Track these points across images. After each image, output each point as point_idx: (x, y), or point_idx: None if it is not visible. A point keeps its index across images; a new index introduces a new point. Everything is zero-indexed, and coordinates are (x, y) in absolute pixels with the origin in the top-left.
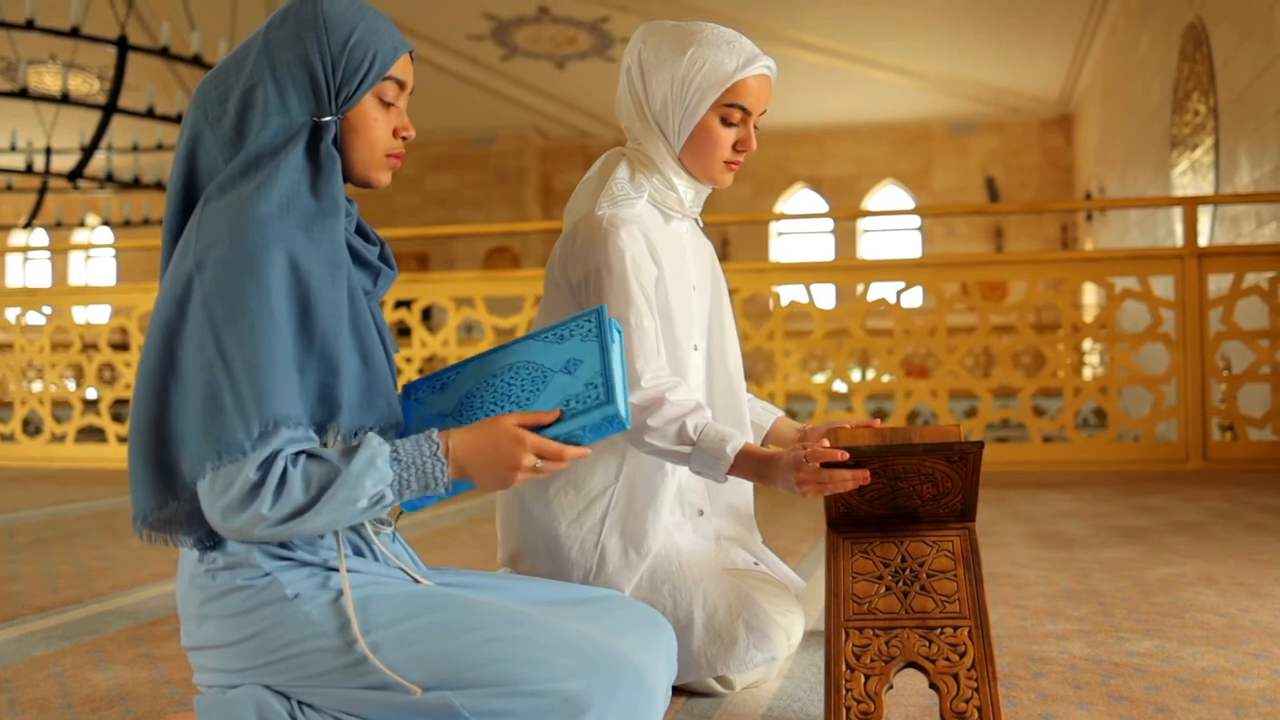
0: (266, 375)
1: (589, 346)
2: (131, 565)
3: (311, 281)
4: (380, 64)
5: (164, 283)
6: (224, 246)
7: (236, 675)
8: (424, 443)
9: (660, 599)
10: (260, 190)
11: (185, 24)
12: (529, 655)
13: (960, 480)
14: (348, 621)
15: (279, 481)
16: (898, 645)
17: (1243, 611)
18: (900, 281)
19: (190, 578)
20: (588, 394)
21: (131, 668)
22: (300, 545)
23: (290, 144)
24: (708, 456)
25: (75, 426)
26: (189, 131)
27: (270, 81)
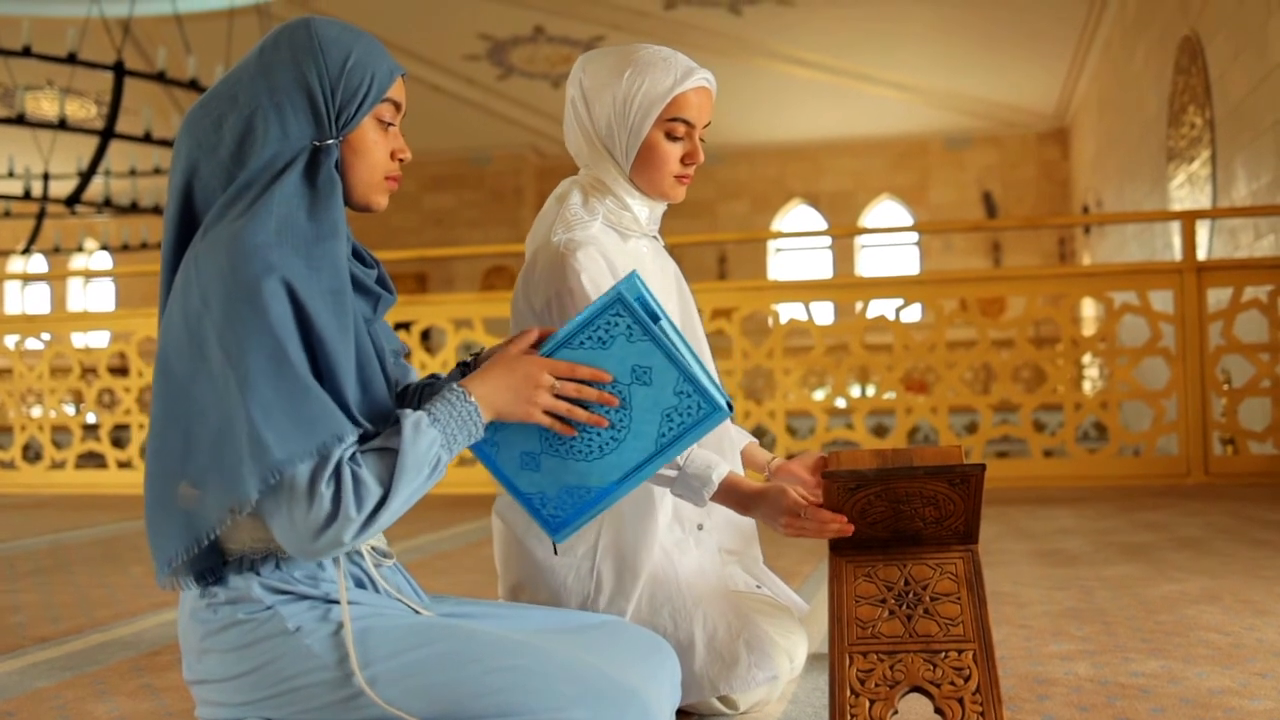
0: (303, 402)
1: (644, 348)
2: (132, 593)
3: (311, 312)
4: (379, 86)
5: (169, 319)
6: (226, 280)
7: (239, 709)
8: (450, 395)
9: (660, 621)
10: (256, 218)
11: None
12: (532, 685)
13: (963, 502)
14: (347, 654)
15: (354, 485)
16: (902, 670)
17: (1247, 630)
18: (899, 299)
19: (192, 612)
20: (685, 405)
21: (134, 699)
22: (301, 579)
23: (288, 169)
24: (693, 482)
25: (75, 453)
26: (184, 162)
27: (269, 107)
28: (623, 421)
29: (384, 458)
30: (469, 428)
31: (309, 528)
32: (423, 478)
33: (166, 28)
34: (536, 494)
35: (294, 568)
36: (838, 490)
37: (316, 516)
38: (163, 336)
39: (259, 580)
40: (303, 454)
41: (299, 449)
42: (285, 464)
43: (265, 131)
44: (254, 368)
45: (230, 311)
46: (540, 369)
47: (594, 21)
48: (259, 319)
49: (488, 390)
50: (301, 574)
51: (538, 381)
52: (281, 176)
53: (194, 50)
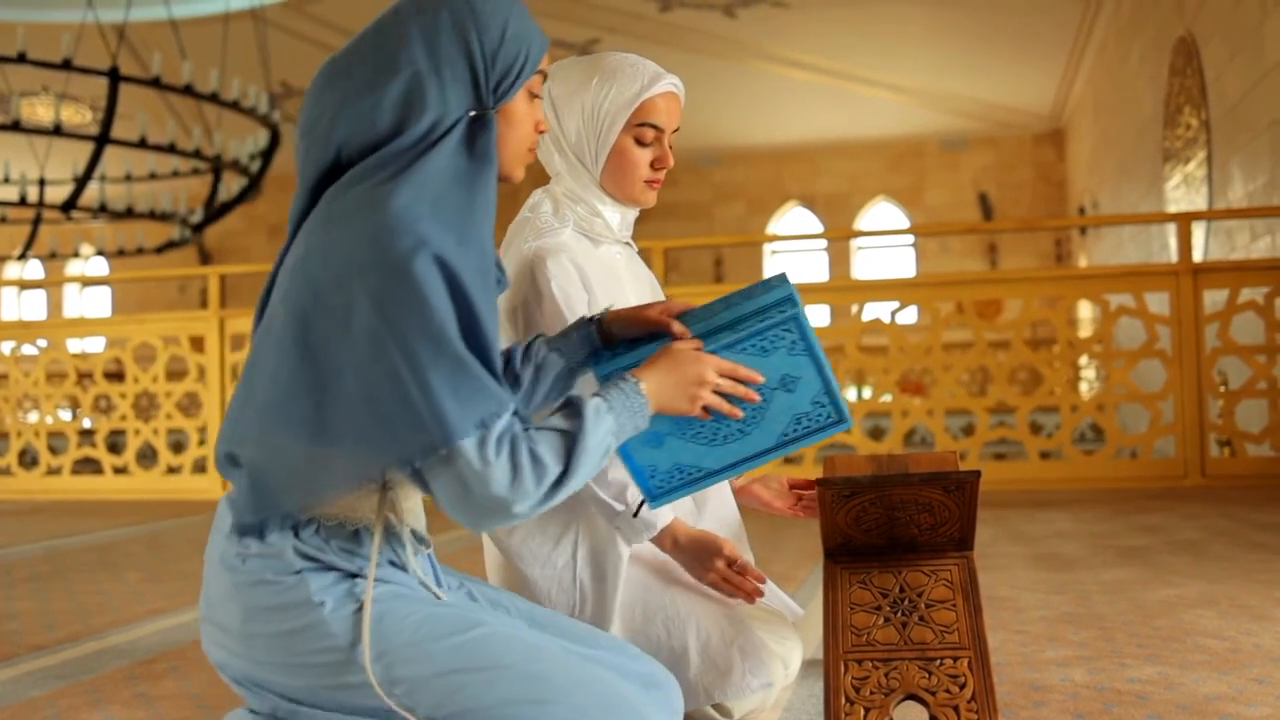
0: (463, 376)
1: (800, 361)
2: (128, 601)
3: (466, 287)
4: (534, 56)
5: (303, 276)
6: (376, 249)
7: (244, 663)
8: (624, 385)
9: (654, 629)
10: (408, 186)
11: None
12: (547, 695)
13: (958, 509)
14: (359, 640)
15: (532, 461)
16: (897, 677)
17: (1244, 635)
18: (895, 301)
19: (221, 556)
20: (817, 413)
21: (128, 708)
22: (336, 550)
23: (445, 138)
24: (636, 524)
25: (71, 458)
26: (330, 122)
27: (429, 72)
28: (756, 418)
29: (563, 439)
30: (637, 420)
31: (484, 497)
32: (594, 463)
33: (162, 33)
34: (648, 466)
35: (333, 536)
36: (832, 497)
37: (494, 487)
38: (294, 294)
39: (295, 543)
40: (468, 427)
41: (465, 422)
42: (453, 436)
43: (425, 97)
44: (412, 340)
45: (383, 283)
46: (707, 369)
47: (589, 24)
48: (414, 293)
49: (656, 385)
50: (338, 544)
51: (703, 380)
52: (438, 145)
53: (189, 55)
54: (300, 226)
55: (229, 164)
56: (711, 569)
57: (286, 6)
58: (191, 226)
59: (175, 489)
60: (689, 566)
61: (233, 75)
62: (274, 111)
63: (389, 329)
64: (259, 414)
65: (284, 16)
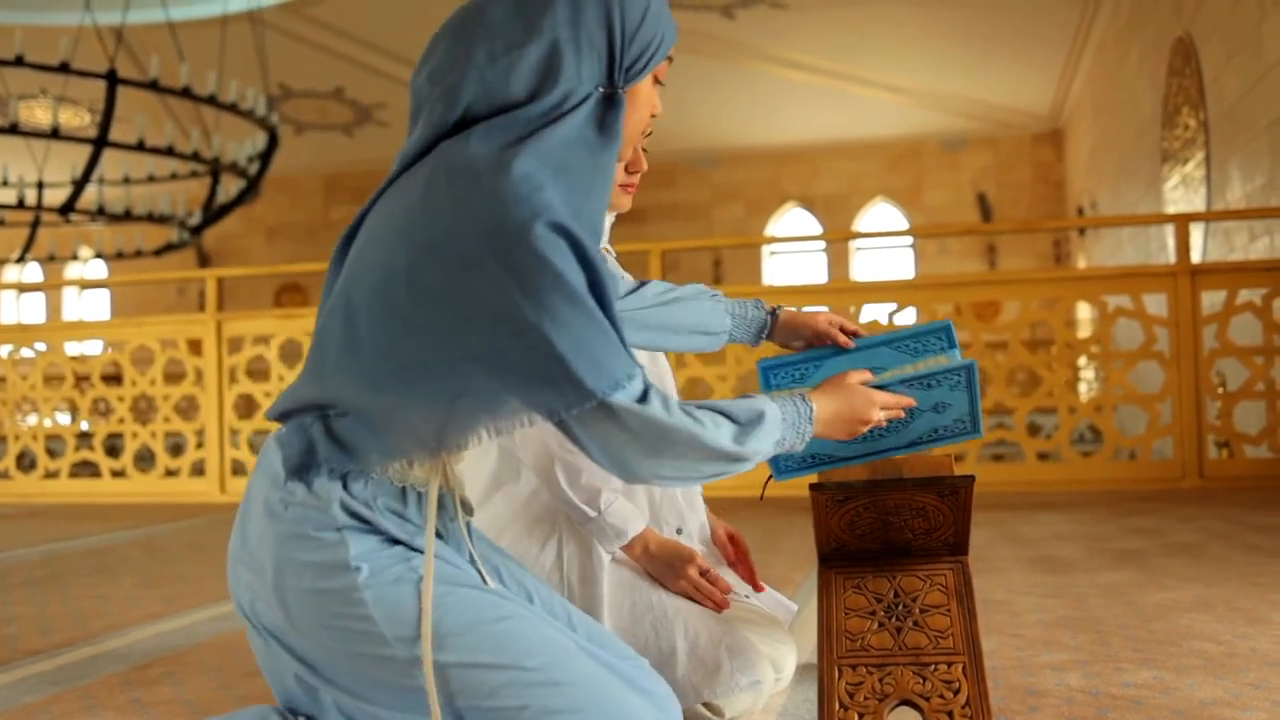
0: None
1: (959, 395)
2: (125, 605)
3: (590, 256)
4: (668, 42)
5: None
6: (498, 212)
7: (272, 614)
8: (800, 404)
9: (642, 629)
10: (534, 154)
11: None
12: (585, 705)
13: (952, 514)
14: (398, 615)
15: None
16: (891, 683)
17: (1240, 639)
18: (893, 303)
19: (265, 500)
20: (956, 426)
21: (122, 714)
22: (384, 509)
23: (575, 110)
24: (609, 530)
25: (69, 462)
26: (460, 68)
27: (569, 41)
28: (897, 426)
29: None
30: (797, 441)
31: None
32: (757, 459)
33: (160, 35)
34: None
35: (381, 493)
36: (826, 501)
37: (673, 435)
38: (408, 241)
39: (342, 495)
40: (620, 378)
41: (616, 374)
42: (605, 388)
43: (562, 67)
44: (546, 297)
45: (510, 246)
46: (874, 409)
47: None
48: (541, 256)
49: (826, 414)
50: (385, 503)
51: (867, 419)
52: (567, 116)
53: (187, 58)
54: (406, 171)
55: (227, 166)
56: (683, 576)
57: (285, 9)
58: (190, 229)
59: (173, 492)
60: (660, 574)
61: (231, 78)
62: (272, 114)
63: (522, 288)
64: (370, 357)
65: (282, 19)
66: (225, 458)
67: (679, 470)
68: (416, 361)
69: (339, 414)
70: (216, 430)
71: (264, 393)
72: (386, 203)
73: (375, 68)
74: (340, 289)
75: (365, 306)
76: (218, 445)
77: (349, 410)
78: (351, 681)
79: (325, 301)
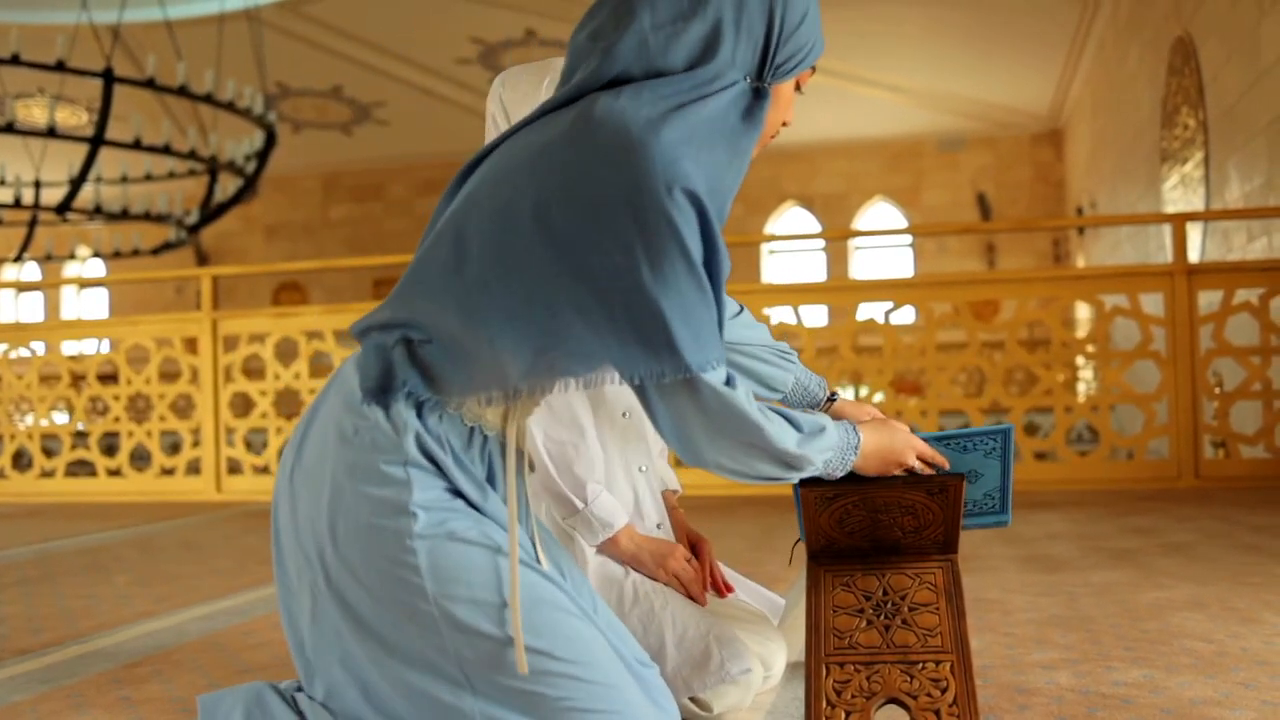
0: (707, 314)
1: (991, 463)
2: (116, 604)
3: (715, 232)
4: (817, 50)
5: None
6: (640, 171)
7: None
8: (850, 434)
9: (629, 625)
10: (682, 123)
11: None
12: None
13: (941, 512)
14: (445, 572)
15: (761, 412)
16: (879, 681)
17: (1232, 638)
18: (890, 302)
19: (337, 423)
20: (985, 501)
21: (110, 712)
22: (453, 449)
23: (724, 92)
24: (594, 523)
25: (65, 461)
26: (624, 29)
27: (731, 24)
28: None
29: (795, 430)
30: (836, 469)
31: (732, 431)
32: (806, 471)
33: (157, 34)
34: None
35: (452, 430)
36: (815, 500)
37: (743, 423)
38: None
39: (418, 426)
40: (711, 359)
41: (707, 353)
42: (695, 365)
43: (720, 46)
44: (665, 259)
45: (643, 204)
46: (910, 451)
47: None
48: (671, 221)
49: (869, 449)
50: (458, 443)
51: (903, 461)
52: (715, 96)
53: (184, 56)
54: (546, 115)
55: (224, 165)
56: (667, 566)
57: (282, 7)
58: (187, 228)
59: (169, 491)
60: (645, 565)
61: (228, 76)
62: (269, 112)
63: (646, 248)
64: (473, 285)
65: (279, 17)
66: (221, 456)
67: (738, 462)
68: (519, 298)
69: (424, 340)
70: (212, 429)
71: (259, 391)
72: (519, 140)
73: (374, 66)
74: (452, 216)
75: (480, 232)
76: (213, 444)
77: (435, 337)
78: (375, 621)
79: (430, 231)
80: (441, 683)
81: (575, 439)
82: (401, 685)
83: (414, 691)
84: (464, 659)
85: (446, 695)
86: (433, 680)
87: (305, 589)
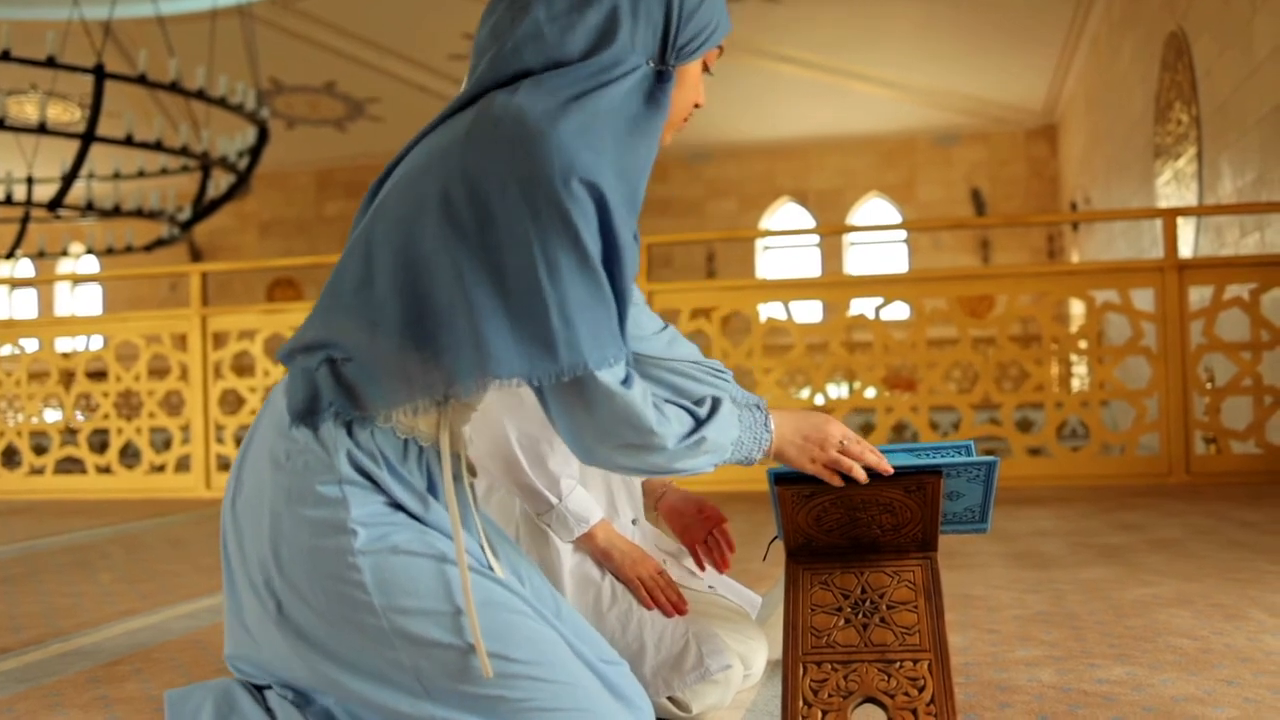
0: (603, 311)
1: (974, 488)
2: (98, 602)
3: (615, 221)
4: (722, 29)
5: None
6: (533, 165)
7: (258, 566)
8: (757, 413)
9: (607, 625)
10: (580, 114)
11: (164, 50)
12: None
13: (920, 510)
14: (392, 585)
15: (656, 410)
16: (856, 680)
17: (1216, 635)
18: (882, 297)
19: (269, 449)
20: (965, 514)
21: (86, 712)
22: (386, 463)
23: (624, 78)
24: (569, 519)
25: (54, 458)
26: (521, 20)
27: (628, 9)
28: None
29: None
30: (753, 450)
31: (620, 432)
32: (704, 462)
33: (148, 29)
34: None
35: (386, 445)
36: (792, 497)
37: (633, 423)
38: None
39: (349, 445)
40: (605, 356)
41: (599, 350)
42: (588, 361)
43: (618, 32)
44: (562, 265)
45: (540, 196)
46: (833, 432)
47: None
48: (566, 212)
49: (784, 429)
50: (394, 456)
51: (826, 441)
52: (617, 82)
53: (176, 52)
54: (450, 117)
55: (217, 161)
56: (639, 572)
57: (274, 3)
58: (180, 224)
59: (158, 488)
60: (619, 565)
61: (221, 72)
62: (262, 108)
63: (541, 243)
64: (380, 296)
65: (271, 13)
66: (210, 453)
67: (633, 460)
68: (429, 304)
69: (345, 358)
70: (202, 426)
71: (249, 388)
72: (425, 145)
73: (367, 62)
74: (363, 229)
75: (388, 242)
76: (203, 441)
77: (355, 354)
78: (330, 642)
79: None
80: (401, 695)
81: (548, 434)
82: (361, 701)
83: (375, 706)
84: (420, 670)
85: (406, 707)
86: (391, 693)
87: (260, 617)
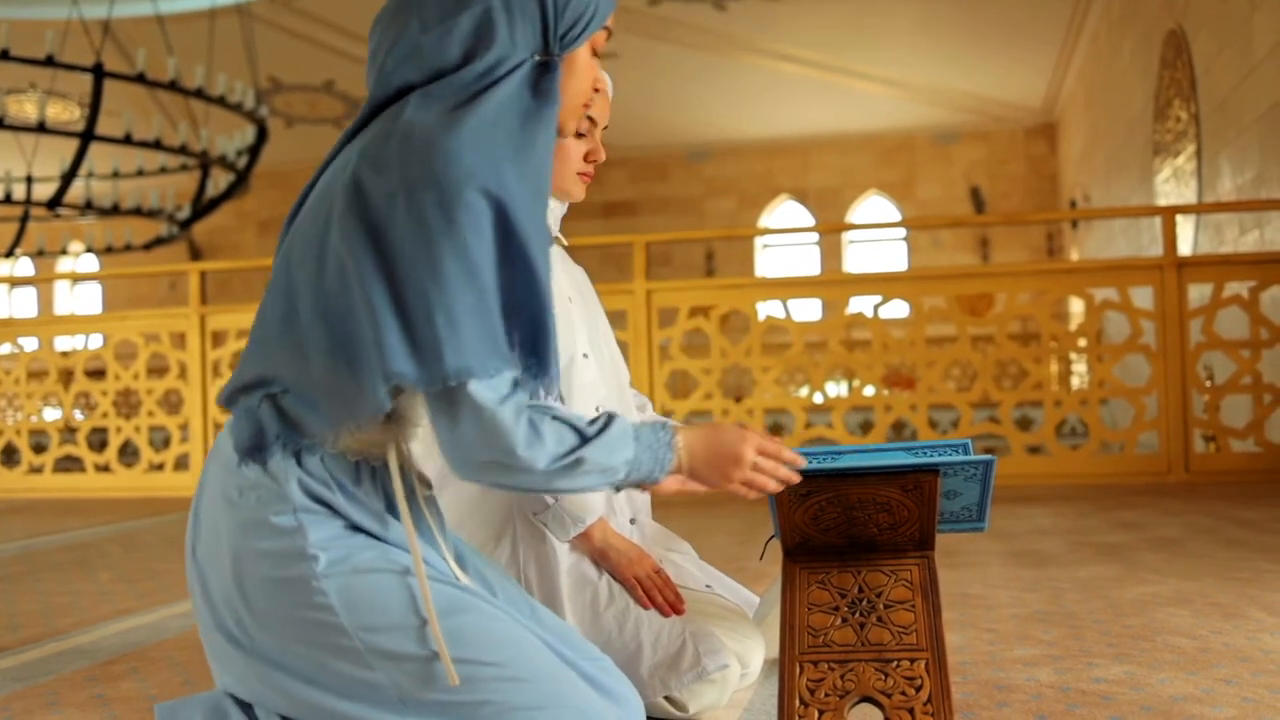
0: (488, 322)
1: (971, 487)
2: (96, 601)
3: (515, 222)
4: (603, 11)
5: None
6: (428, 177)
7: (227, 605)
8: (660, 430)
9: (604, 625)
10: (468, 121)
11: (163, 49)
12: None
13: (917, 509)
14: (360, 605)
15: (531, 428)
16: (853, 679)
17: (1215, 634)
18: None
19: (221, 489)
20: (962, 513)
21: (83, 710)
22: (340, 488)
23: (509, 77)
24: (565, 518)
25: (53, 456)
26: (388, 45)
27: (501, 9)
28: None
29: (575, 437)
30: (654, 469)
31: (483, 449)
32: (591, 477)
33: (147, 28)
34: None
35: (338, 469)
36: (788, 496)
37: (497, 443)
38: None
39: (299, 474)
40: (484, 367)
41: (479, 361)
42: (464, 371)
43: (495, 32)
44: (447, 273)
45: (432, 206)
46: (747, 446)
47: None
48: (458, 223)
49: (693, 447)
50: (347, 479)
51: (739, 458)
52: (501, 82)
53: (175, 51)
54: (346, 145)
55: (216, 160)
56: (630, 569)
57: (273, 1)
58: (179, 223)
59: (157, 486)
60: (616, 565)
61: (220, 71)
62: (261, 107)
63: (427, 250)
64: (304, 325)
65: (270, 12)
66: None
67: (502, 479)
68: (344, 322)
69: (282, 390)
70: (200, 424)
71: None
72: (330, 170)
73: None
74: (282, 255)
75: (303, 268)
76: (202, 439)
77: (291, 386)
78: (307, 669)
79: None
80: (384, 712)
81: None
82: None
83: None
84: (400, 685)
85: None
86: (375, 711)
87: (236, 657)
